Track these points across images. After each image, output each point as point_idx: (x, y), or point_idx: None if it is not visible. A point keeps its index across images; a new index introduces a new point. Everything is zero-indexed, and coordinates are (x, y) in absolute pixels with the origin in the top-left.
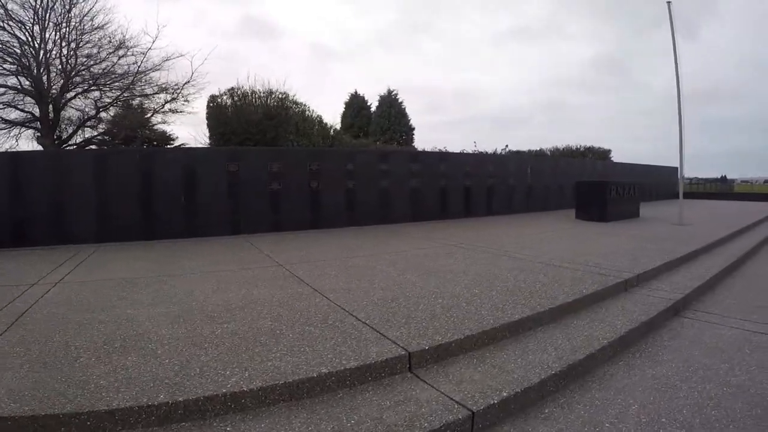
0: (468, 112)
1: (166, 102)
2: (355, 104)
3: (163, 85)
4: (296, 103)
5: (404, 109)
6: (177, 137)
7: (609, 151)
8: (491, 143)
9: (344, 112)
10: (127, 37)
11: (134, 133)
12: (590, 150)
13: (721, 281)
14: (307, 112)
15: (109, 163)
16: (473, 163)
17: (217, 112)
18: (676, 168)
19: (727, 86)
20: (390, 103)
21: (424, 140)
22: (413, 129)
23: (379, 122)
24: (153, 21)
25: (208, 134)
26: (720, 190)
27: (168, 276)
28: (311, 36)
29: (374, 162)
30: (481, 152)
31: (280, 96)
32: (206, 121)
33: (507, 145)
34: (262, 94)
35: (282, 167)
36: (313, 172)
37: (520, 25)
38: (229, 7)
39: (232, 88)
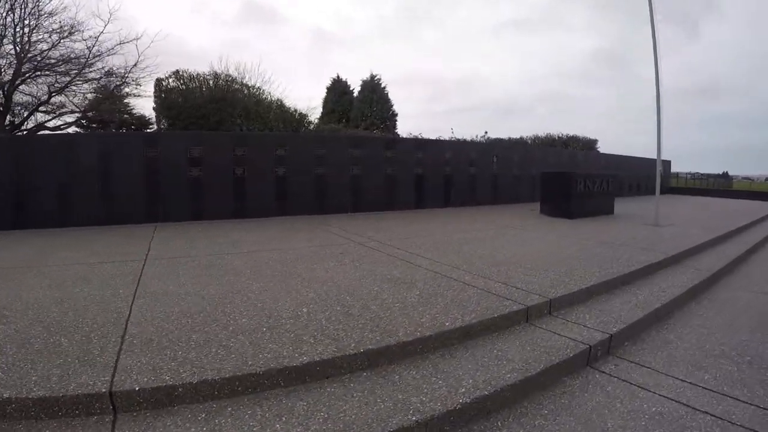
0: (469, 101)
1: (115, 86)
2: (337, 89)
3: (111, 70)
4: (246, 86)
5: (387, 94)
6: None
7: (595, 141)
8: (493, 133)
9: (326, 97)
10: (77, 20)
11: (111, 117)
12: (574, 139)
13: (679, 308)
14: (264, 96)
15: (24, 150)
16: (428, 150)
17: (163, 96)
18: (670, 161)
19: (728, 81)
20: (372, 88)
21: (423, 128)
22: (396, 115)
23: (361, 108)
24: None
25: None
26: (715, 186)
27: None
28: (312, 24)
29: (309, 147)
30: (444, 138)
31: (226, 78)
32: (153, 105)
33: (486, 132)
34: (207, 77)
35: (203, 152)
36: (238, 157)
37: (521, 16)
38: None
39: (177, 71)
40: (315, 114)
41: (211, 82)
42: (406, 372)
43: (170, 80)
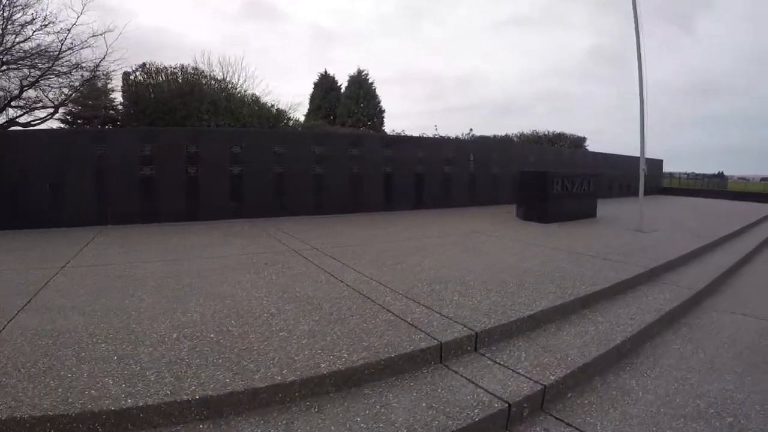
0: (468, 99)
1: (86, 80)
2: (324, 85)
3: (78, 63)
4: (216, 79)
5: (374, 90)
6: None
7: (583, 138)
8: (489, 131)
9: (313, 93)
10: (50, 11)
11: (97, 113)
12: (562, 137)
13: (650, 340)
14: (236, 90)
15: None
16: (398, 148)
17: (131, 89)
18: (662, 161)
19: (727, 80)
20: (359, 84)
21: (421, 126)
22: (383, 111)
23: (347, 104)
24: None
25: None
26: (709, 186)
27: None
28: (311, 20)
29: (268, 144)
30: (424, 135)
31: (193, 72)
32: (121, 100)
33: (471, 129)
34: (174, 70)
35: (155, 149)
36: (191, 155)
37: (521, 14)
38: None
39: (144, 64)
40: (300, 110)
41: (179, 76)
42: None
43: (137, 74)
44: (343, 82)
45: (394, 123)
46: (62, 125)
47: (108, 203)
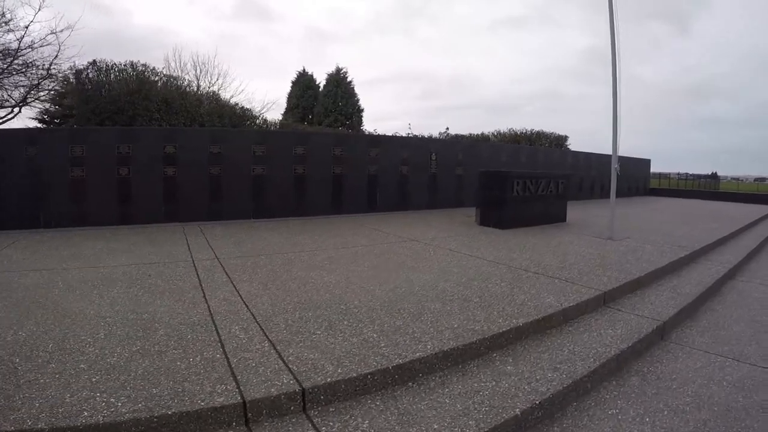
0: (464, 98)
1: (41, 79)
2: (302, 83)
3: (30, 62)
4: (170, 76)
5: (353, 88)
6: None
7: (565, 137)
8: (482, 129)
9: (290, 92)
10: (6, 9)
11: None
12: (541, 135)
13: (579, 400)
14: (191, 88)
15: None
16: (349, 146)
17: (84, 88)
18: (649, 160)
19: (721, 82)
20: (337, 82)
21: (417, 126)
22: (362, 110)
23: (325, 103)
24: None
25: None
26: (701, 187)
27: None
28: (306, 20)
29: (204, 143)
30: (397, 135)
31: (141, 69)
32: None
33: (447, 128)
34: (124, 67)
35: (86, 150)
36: (122, 156)
37: (516, 14)
38: None
39: (94, 61)
40: (276, 109)
41: (128, 74)
42: None
43: (89, 71)
44: (322, 80)
45: (390, 123)
46: (39, 124)
47: (39, 206)
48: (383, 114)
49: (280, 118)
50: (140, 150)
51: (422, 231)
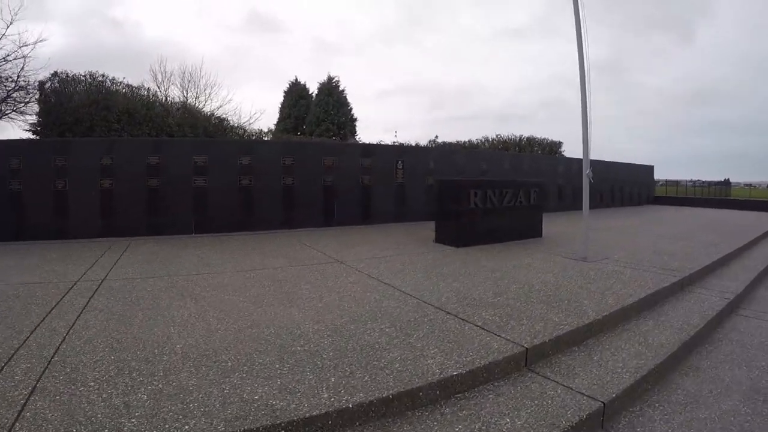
0: (470, 107)
1: (9, 91)
2: (295, 93)
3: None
4: (129, 86)
5: (345, 97)
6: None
7: (558, 143)
8: (472, 137)
9: (283, 101)
10: None
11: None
12: (533, 141)
13: None
14: (157, 98)
15: None
16: (301, 156)
17: (47, 99)
18: (652, 167)
19: (727, 87)
20: (329, 91)
21: (424, 136)
22: (355, 120)
23: (316, 112)
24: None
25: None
26: (711, 194)
27: None
28: (313, 32)
29: (142, 154)
30: (386, 143)
31: (100, 79)
32: (36, 111)
33: (437, 136)
34: (83, 77)
35: (23, 162)
36: (59, 167)
37: (519, 25)
38: (234, 2)
39: (55, 72)
40: (265, 119)
41: (87, 85)
42: None
43: (52, 83)
44: (315, 90)
45: (400, 134)
46: (33, 135)
47: None
48: (389, 125)
49: (272, 128)
50: (76, 162)
51: (361, 250)
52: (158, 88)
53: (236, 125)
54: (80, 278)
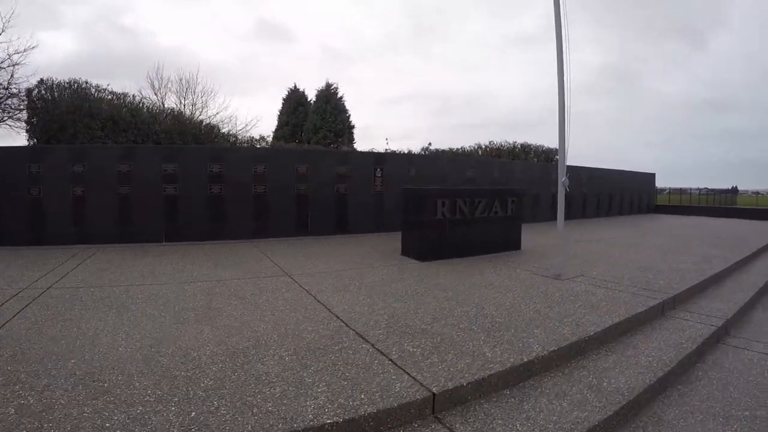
0: (479, 116)
1: (2, 98)
2: (293, 100)
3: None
4: (114, 93)
5: (343, 104)
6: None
7: (555, 150)
8: (465, 144)
9: (281, 109)
10: None
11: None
12: (528, 148)
13: None
14: (142, 104)
15: None
16: (272, 163)
17: (35, 106)
18: (654, 174)
19: (739, 95)
20: (327, 98)
21: (433, 143)
22: (353, 127)
23: (314, 119)
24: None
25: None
26: (716, 202)
27: None
28: (322, 40)
29: (112, 163)
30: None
31: (84, 86)
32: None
33: (430, 143)
34: (67, 84)
35: None
36: (33, 175)
37: (526, 32)
38: (243, 11)
39: (42, 80)
40: (265, 127)
41: (68, 92)
42: None
43: (39, 90)
44: (313, 97)
45: (405, 142)
46: (34, 141)
47: None
48: (397, 133)
49: (264, 135)
50: (49, 169)
51: (319, 263)
52: (155, 95)
53: (228, 132)
54: (28, 286)
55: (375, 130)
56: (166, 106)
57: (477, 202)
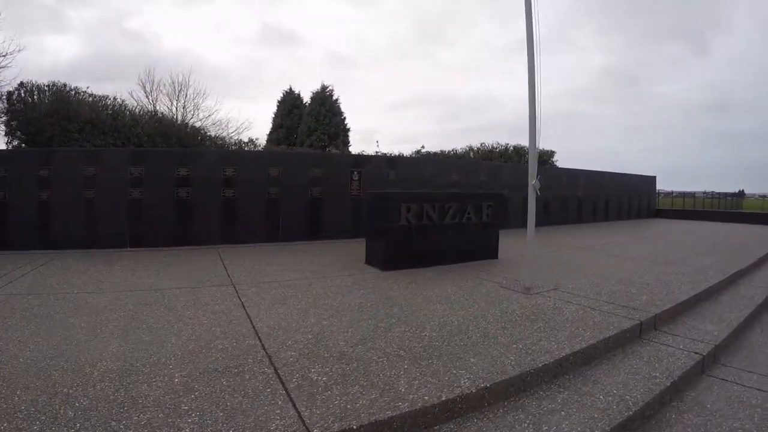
0: (484, 120)
1: None
2: (288, 103)
3: None
4: (93, 95)
5: (338, 106)
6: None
7: (551, 152)
8: (456, 146)
9: (276, 111)
10: None
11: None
12: (520, 150)
13: None
14: (126, 108)
15: None
16: (241, 165)
17: (15, 109)
18: (654, 177)
19: (741, 97)
20: (322, 100)
21: (437, 147)
22: (348, 129)
23: (308, 122)
24: None
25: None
26: (722, 206)
27: None
28: (328, 46)
29: (79, 166)
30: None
31: (61, 89)
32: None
33: (423, 146)
34: (46, 87)
35: None
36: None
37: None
38: (248, 16)
39: (22, 83)
40: (260, 130)
41: (47, 95)
42: None
43: (19, 93)
44: (309, 99)
45: (410, 146)
46: (23, 145)
47: None
48: (405, 137)
49: (253, 138)
50: (15, 173)
51: (273, 271)
52: (147, 98)
53: (216, 135)
54: None
55: (382, 134)
56: (158, 109)
57: (447, 208)
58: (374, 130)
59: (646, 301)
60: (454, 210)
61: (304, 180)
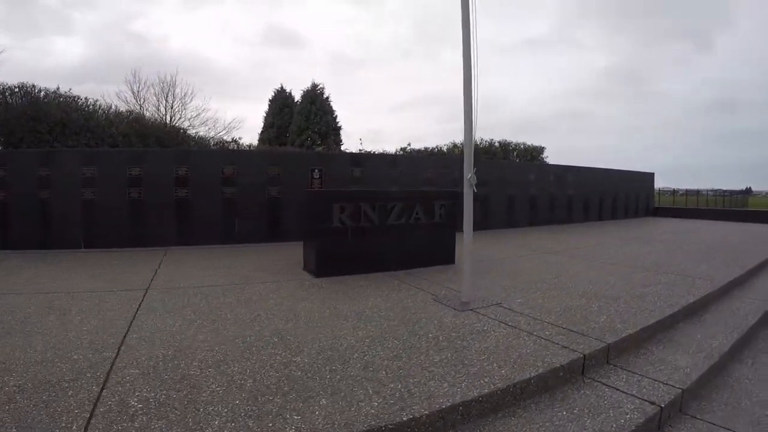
0: (489, 119)
1: None
2: (279, 102)
3: None
4: (63, 95)
5: (329, 105)
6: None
7: (540, 149)
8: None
9: (267, 110)
10: None
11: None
12: (507, 147)
13: None
14: (95, 107)
15: None
16: (194, 165)
17: None
18: (653, 174)
19: (747, 95)
20: (312, 98)
21: (439, 145)
22: (339, 128)
23: (298, 121)
24: None
25: None
26: (729, 204)
27: None
28: (332, 47)
29: (31, 167)
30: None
31: (29, 89)
32: None
33: (409, 143)
34: (14, 90)
35: None
36: None
37: (534, 36)
38: (252, 17)
39: None
40: (253, 130)
41: (18, 96)
42: None
43: None
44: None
45: (416, 145)
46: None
47: None
48: (409, 136)
49: (240, 138)
50: None
51: (204, 275)
52: (135, 98)
53: (199, 135)
54: None
55: (385, 134)
56: (146, 109)
57: (390, 207)
58: (381, 130)
59: (605, 323)
60: (399, 210)
61: (262, 179)
